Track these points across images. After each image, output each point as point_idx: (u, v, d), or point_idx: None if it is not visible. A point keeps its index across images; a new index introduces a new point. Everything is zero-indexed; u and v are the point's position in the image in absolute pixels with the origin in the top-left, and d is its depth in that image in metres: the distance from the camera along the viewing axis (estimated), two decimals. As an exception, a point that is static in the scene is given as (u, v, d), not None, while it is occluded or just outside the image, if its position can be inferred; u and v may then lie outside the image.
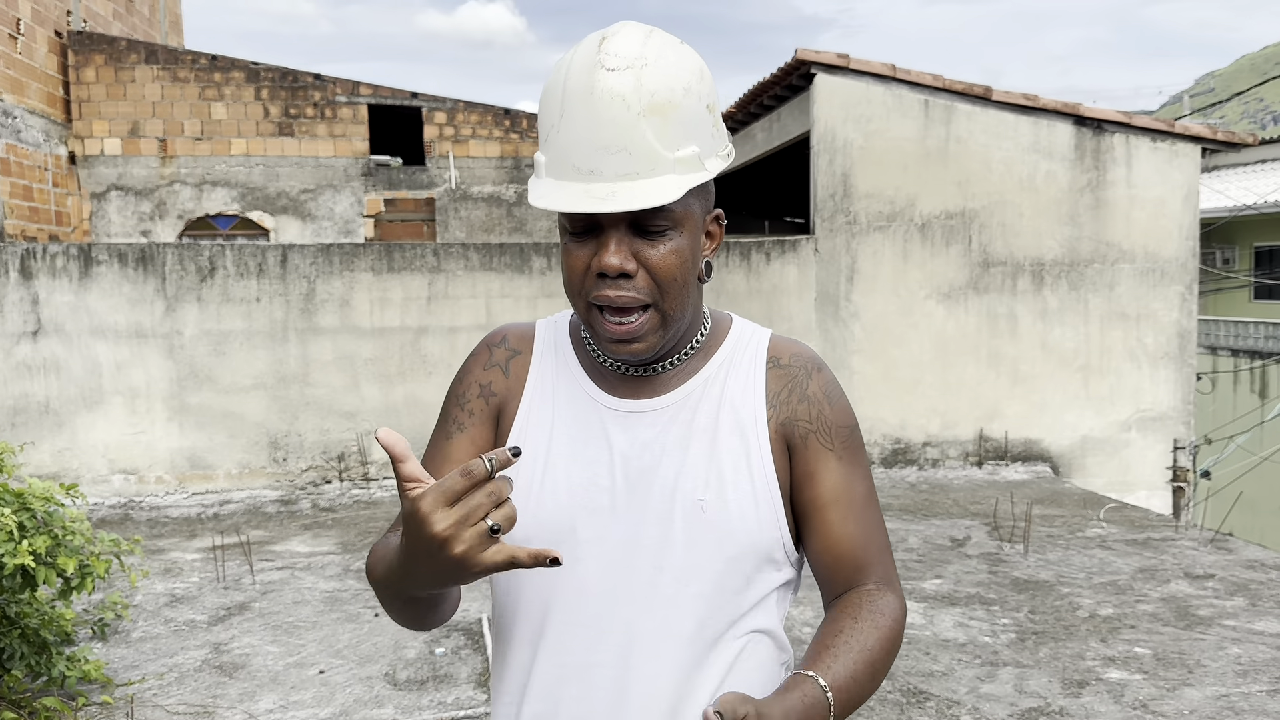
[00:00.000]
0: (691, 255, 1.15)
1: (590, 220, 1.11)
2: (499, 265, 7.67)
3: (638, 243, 1.11)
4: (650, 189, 1.07)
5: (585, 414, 1.22)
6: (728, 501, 1.16)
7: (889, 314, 8.08)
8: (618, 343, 1.14)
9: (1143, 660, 4.15)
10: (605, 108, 1.06)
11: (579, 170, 1.09)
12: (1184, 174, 8.30)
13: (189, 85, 11.61)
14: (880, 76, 7.96)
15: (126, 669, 4.14)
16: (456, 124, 12.34)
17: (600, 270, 1.11)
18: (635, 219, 1.10)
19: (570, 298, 1.17)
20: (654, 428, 1.20)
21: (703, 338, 1.25)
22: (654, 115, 1.07)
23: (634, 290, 1.12)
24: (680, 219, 1.12)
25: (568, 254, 1.15)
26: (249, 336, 7.40)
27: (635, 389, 1.22)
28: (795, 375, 1.23)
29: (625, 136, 1.06)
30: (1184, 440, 8.41)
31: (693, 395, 1.21)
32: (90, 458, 7.25)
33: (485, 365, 1.28)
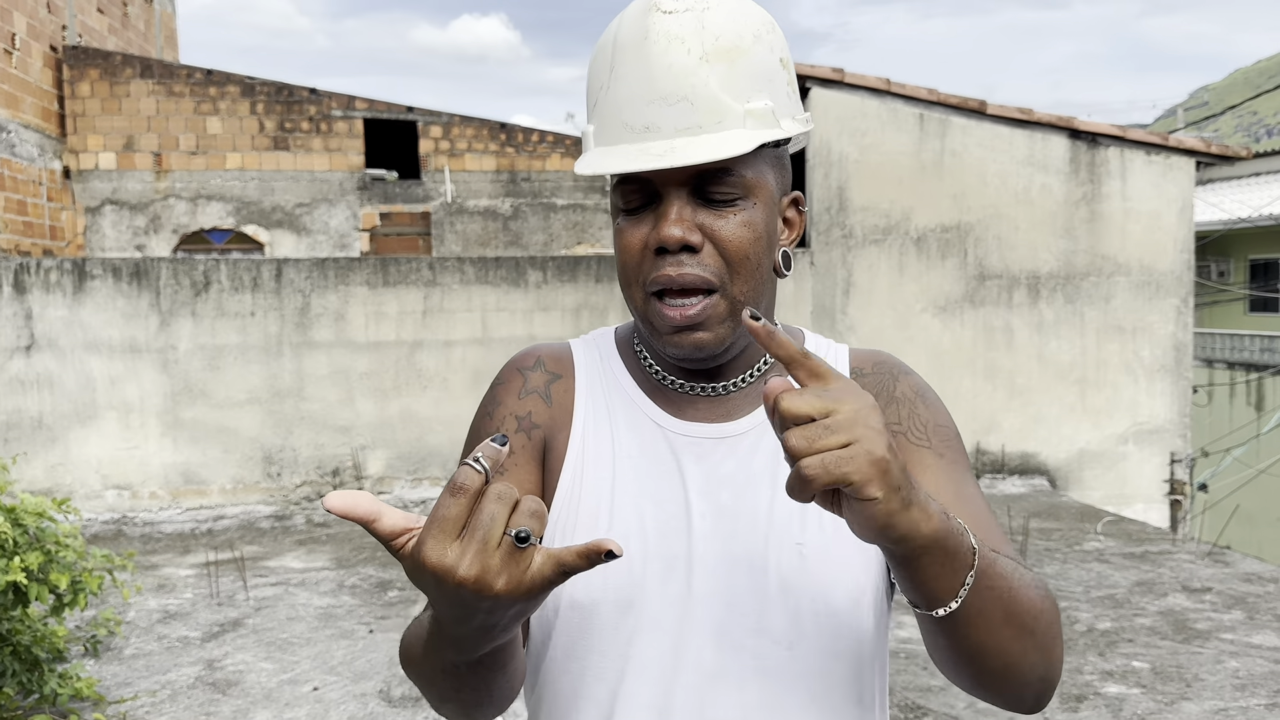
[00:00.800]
0: (766, 234, 0.97)
1: (646, 191, 0.94)
2: (495, 279, 7.66)
3: (703, 213, 0.94)
4: (716, 142, 0.90)
5: (651, 442, 1.02)
6: (829, 542, 0.97)
7: (885, 327, 8.08)
8: (679, 331, 0.95)
9: (1141, 674, 4.13)
10: (661, 53, 0.91)
11: (631, 128, 0.93)
12: (1179, 187, 8.32)
13: (184, 99, 11.62)
14: (875, 90, 7.98)
15: (119, 686, 4.11)
16: (452, 138, 12.35)
17: (659, 244, 0.93)
18: (700, 184, 0.93)
19: (626, 290, 0.99)
20: (733, 457, 1.00)
21: None
22: (719, 60, 0.91)
23: (699, 267, 0.93)
24: (753, 187, 0.95)
25: (620, 235, 0.97)
26: (243, 351, 7.38)
27: (705, 412, 1.03)
28: (881, 381, 1.06)
29: (685, 84, 0.91)
30: (1181, 453, 8.40)
31: None
32: (83, 473, 7.22)
33: (520, 393, 1.06)
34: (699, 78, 0.91)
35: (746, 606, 0.96)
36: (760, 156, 0.96)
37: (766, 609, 0.96)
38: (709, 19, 0.92)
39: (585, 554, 0.70)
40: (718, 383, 1.03)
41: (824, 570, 0.96)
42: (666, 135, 0.91)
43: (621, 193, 0.96)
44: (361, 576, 5.69)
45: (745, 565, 0.96)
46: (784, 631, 0.96)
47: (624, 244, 0.97)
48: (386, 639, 4.62)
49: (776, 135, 0.94)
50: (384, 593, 5.38)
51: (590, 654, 0.98)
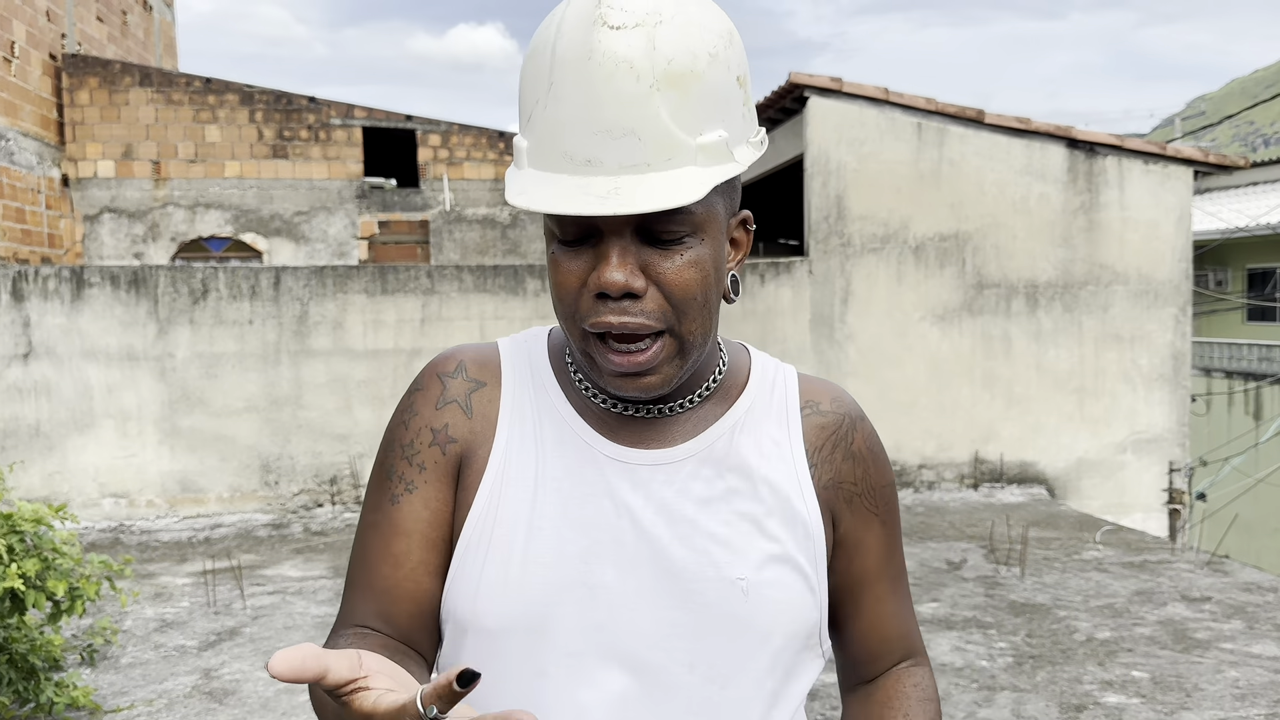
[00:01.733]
0: (714, 268, 0.90)
1: (586, 225, 0.87)
2: (493, 287, 7.66)
3: (647, 253, 0.87)
4: (665, 185, 0.83)
5: (581, 466, 0.95)
6: (772, 580, 0.94)
7: (883, 336, 8.08)
8: (625, 377, 0.89)
9: (1140, 684, 4.12)
10: (606, 79, 0.82)
11: (571, 159, 0.84)
12: (1176, 196, 8.33)
13: (183, 108, 11.63)
14: (874, 100, 8.00)
15: (115, 695, 4.09)
16: (451, 146, 12.37)
17: (600, 289, 0.86)
18: (644, 223, 0.86)
19: (562, 322, 0.92)
20: (671, 485, 0.95)
21: (720, 374, 1.00)
22: (671, 88, 0.83)
23: (643, 315, 0.87)
24: (701, 223, 0.88)
25: (556, 267, 0.89)
26: (241, 359, 7.37)
27: (641, 435, 0.97)
28: (840, 428, 1.02)
29: (632, 115, 0.82)
30: (1179, 462, 8.40)
31: (718, 445, 0.97)
32: (81, 481, 7.20)
33: (438, 402, 0.98)
34: (649, 109, 0.82)
35: (680, 641, 0.92)
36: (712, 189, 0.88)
37: (703, 645, 0.92)
38: (661, 37, 0.82)
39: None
40: (656, 405, 0.97)
41: (766, 609, 0.93)
42: (610, 171, 0.83)
43: (558, 222, 0.88)
44: (359, 585, 5.68)
45: (681, 599, 0.92)
46: (719, 669, 0.92)
47: (559, 279, 0.89)
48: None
49: (731, 172, 0.86)
50: (382, 601, 5.36)
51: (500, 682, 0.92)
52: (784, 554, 0.95)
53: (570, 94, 0.83)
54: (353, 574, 0.98)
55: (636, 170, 0.83)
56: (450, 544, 0.96)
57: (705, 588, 0.92)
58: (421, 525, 0.95)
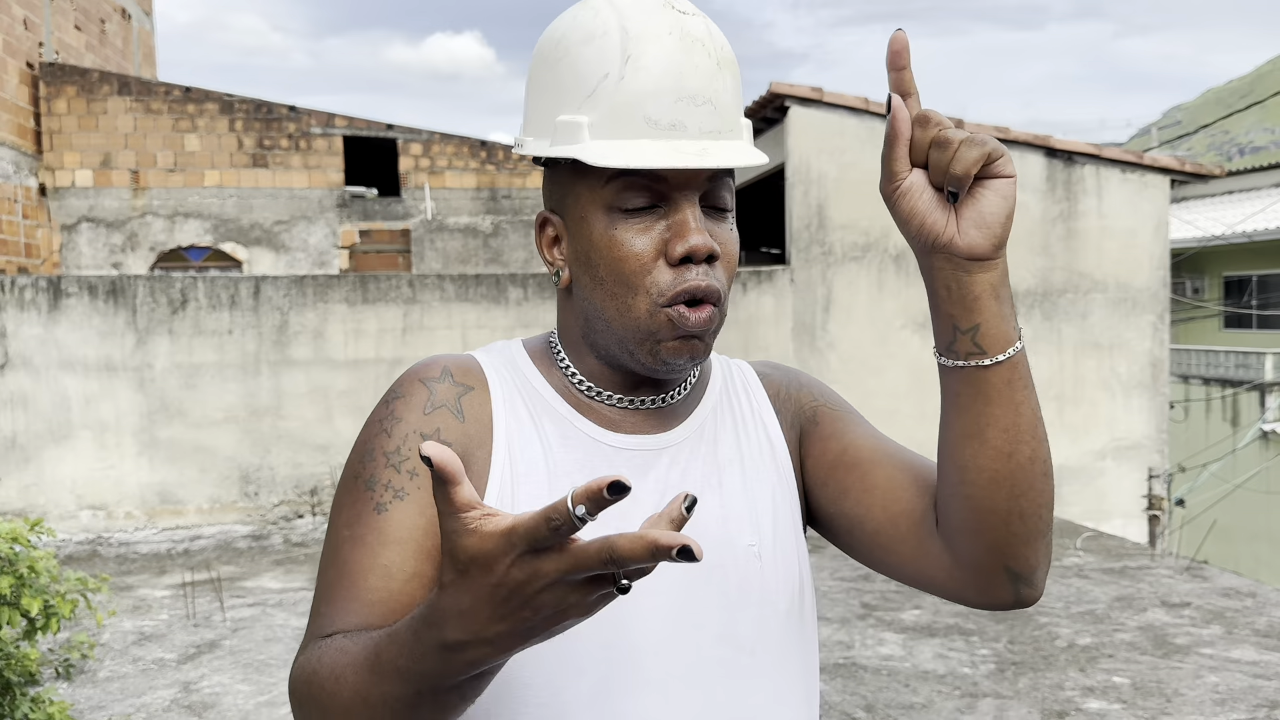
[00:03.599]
0: None
1: (654, 192, 0.90)
2: (475, 296, 7.64)
3: (709, 223, 0.92)
4: (739, 149, 0.91)
5: (590, 457, 0.96)
6: (778, 542, 0.99)
7: (865, 344, 8.11)
8: (685, 339, 0.92)
9: (1121, 690, 4.14)
10: (688, 51, 0.89)
11: (656, 125, 0.88)
12: (1154, 205, 8.40)
13: (162, 117, 11.57)
14: (854, 109, 8.04)
15: (93, 710, 4.05)
16: (432, 155, 12.35)
17: (688, 252, 0.89)
18: (707, 192, 0.92)
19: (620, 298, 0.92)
20: (676, 466, 0.98)
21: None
22: (728, 70, 0.92)
23: (716, 280, 0.92)
24: (733, 204, 0.96)
25: (622, 243, 0.91)
26: (221, 369, 7.32)
27: (638, 424, 1.00)
28: (785, 376, 1.10)
29: (711, 87, 0.90)
30: (1158, 468, 8.45)
31: (706, 426, 1.02)
32: (58, 493, 7.13)
33: (425, 407, 0.94)
34: (719, 82, 0.90)
35: (708, 614, 0.94)
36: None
37: (729, 615, 0.94)
38: (711, 27, 0.92)
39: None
40: (659, 394, 1.00)
41: (776, 571, 0.97)
42: (693, 135, 0.89)
43: (620, 188, 0.90)
44: (340, 596, 5.64)
45: (704, 573, 0.94)
46: (748, 636, 0.95)
47: (631, 251, 0.90)
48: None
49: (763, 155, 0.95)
50: (363, 613, 5.33)
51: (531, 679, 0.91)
52: (782, 517, 1.01)
53: (654, 63, 0.89)
54: (331, 589, 0.89)
55: (713, 136, 0.90)
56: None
57: (723, 558, 0.95)
58: (416, 534, 0.89)
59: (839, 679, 4.29)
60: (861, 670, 4.39)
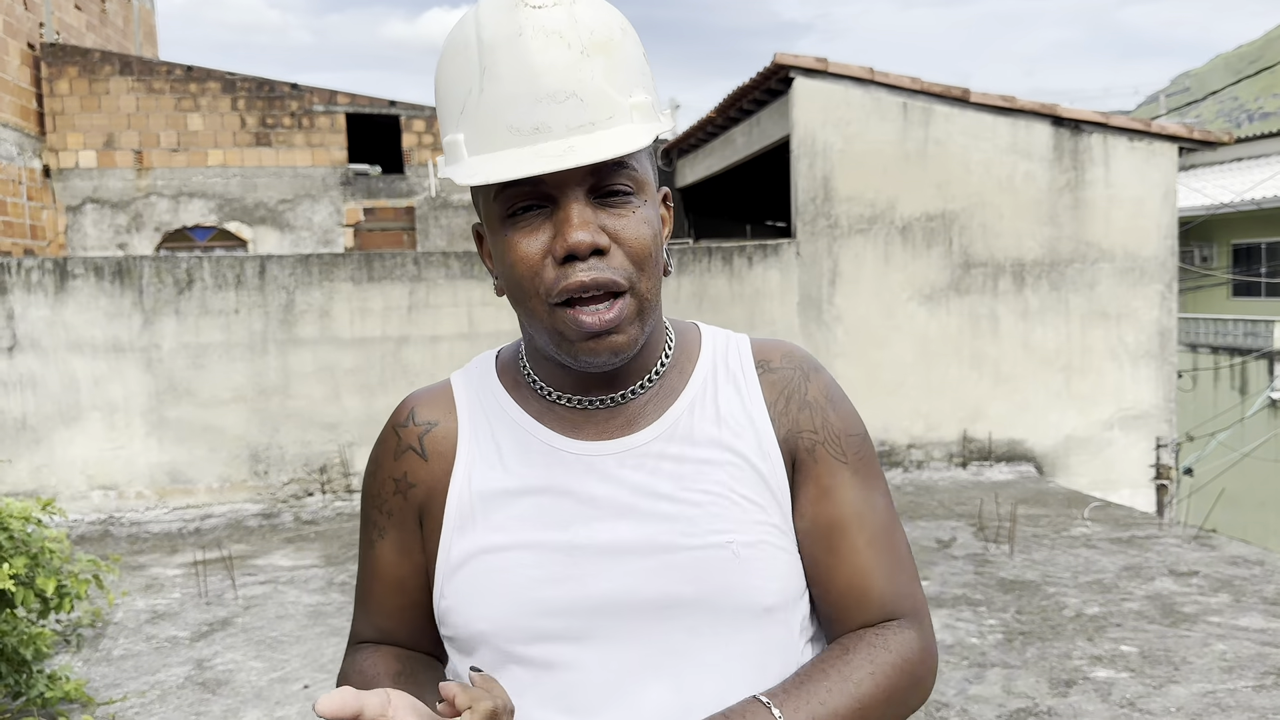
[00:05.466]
0: (659, 231, 0.95)
1: (536, 194, 0.90)
2: (480, 273, 7.64)
3: (601, 215, 0.90)
4: (613, 138, 0.88)
5: (550, 469, 0.98)
6: (757, 541, 0.96)
7: (871, 316, 8.09)
8: (596, 338, 0.91)
9: (1129, 658, 4.16)
10: (541, 49, 0.86)
11: (518, 131, 0.87)
12: (1161, 173, 8.35)
13: (164, 96, 11.54)
14: (859, 80, 7.98)
15: (108, 687, 4.09)
16: (435, 132, 12.30)
17: (568, 252, 0.88)
18: (595, 184, 0.90)
19: (524, 304, 0.93)
20: (642, 469, 0.97)
21: (670, 352, 1.03)
22: (598, 54, 0.88)
23: (611, 270, 0.90)
24: (643, 183, 0.93)
25: (512, 248, 0.91)
26: (228, 349, 7.34)
27: (603, 428, 0.99)
28: (791, 380, 1.04)
29: (572, 79, 0.87)
30: (1166, 438, 8.45)
31: (681, 422, 0.99)
32: (68, 474, 7.17)
33: (395, 453, 1.04)
34: (584, 72, 0.87)
35: (681, 611, 0.94)
36: (644, 153, 0.95)
37: (703, 612, 0.94)
38: (578, 13, 0.88)
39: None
40: (614, 392, 1.00)
41: (757, 569, 0.96)
42: (559, 135, 0.87)
43: (506, 199, 0.91)
44: (350, 574, 5.68)
45: (677, 572, 0.94)
46: (722, 633, 0.95)
47: (519, 256, 0.91)
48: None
49: (662, 129, 0.93)
50: (373, 589, 5.36)
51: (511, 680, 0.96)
52: (763, 518, 0.98)
53: (507, 71, 0.87)
54: (357, 600, 1.11)
55: (583, 130, 0.87)
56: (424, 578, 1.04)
57: (698, 556, 0.95)
58: (390, 569, 1.05)
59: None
60: (870, 641, 4.41)
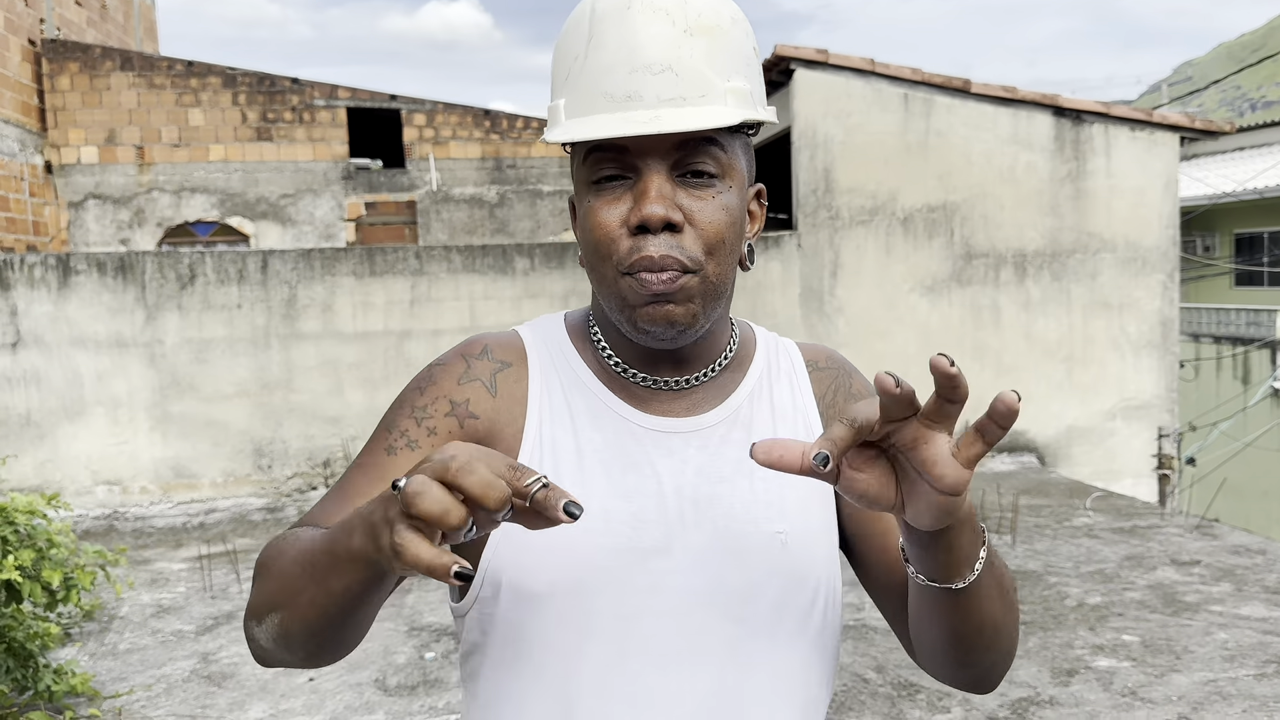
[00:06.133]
0: (740, 219, 0.95)
1: (621, 163, 0.91)
2: (482, 267, 7.64)
3: (681, 194, 0.91)
4: (700, 114, 0.89)
5: (619, 437, 0.98)
6: (807, 531, 0.99)
7: (873, 308, 8.10)
8: (652, 302, 0.91)
9: (1131, 648, 4.17)
10: (645, 23, 0.89)
11: (611, 98, 0.90)
12: (1163, 163, 8.34)
13: (165, 92, 11.53)
14: (860, 71, 7.97)
15: (114, 681, 4.11)
16: (436, 125, 12.30)
17: (640, 222, 0.89)
18: (679, 160, 0.91)
19: (595, 269, 0.95)
20: (705, 451, 0.99)
21: (734, 345, 1.05)
22: (702, 35, 0.90)
23: (679, 251, 0.90)
24: (729, 168, 0.93)
25: (592, 213, 0.93)
26: (231, 344, 7.35)
27: (669, 405, 1.00)
28: (838, 377, 1.08)
29: (670, 54, 0.89)
30: (1168, 428, 8.45)
31: (742, 411, 1.02)
32: (73, 469, 7.19)
33: (461, 379, 1.00)
34: (684, 49, 0.89)
35: (728, 597, 0.95)
36: (736, 139, 0.95)
37: (749, 599, 0.95)
38: None
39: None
40: (681, 375, 1.01)
41: (803, 559, 0.97)
42: (649, 104, 0.89)
43: (592, 164, 0.93)
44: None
45: (728, 557, 0.95)
46: (766, 621, 0.96)
47: (596, 221, 0.92)
48: (380, 628, 4.63)
49: (757, 115, 0.93)
50: (378, 582, 5.38)
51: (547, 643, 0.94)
52: (810, 505, 1.00)
53: (611, 39, 0.90)
54: (325, 498, 0.99)
55: (674, 103, 0.89)
56: None
57: (748, 544, 0.96)
58: None
59: (850, 640, 4.33)
60: (872, 632, 4.43)
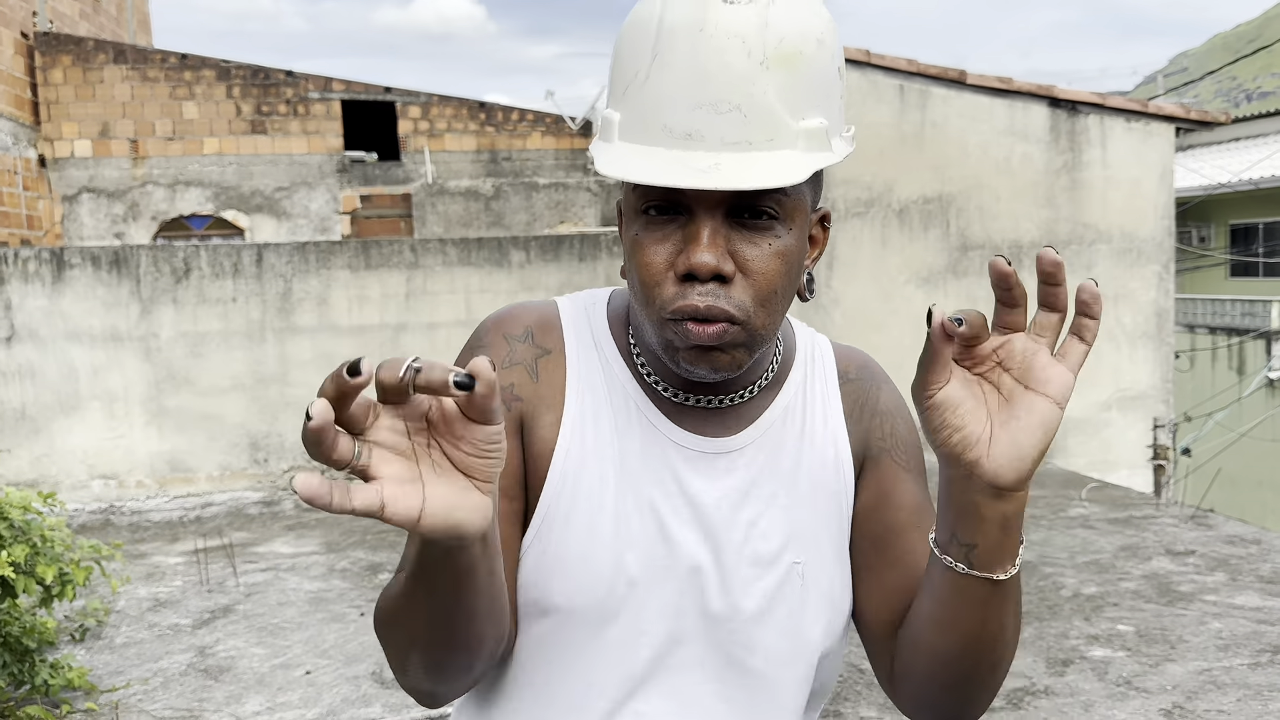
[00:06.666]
0: (797, 262, 0.88)
1: (675, 199, 0.84)
2: (478, 260, 7.64)
3: (735, 238, 0.84)
4: (767, 164, 0.81)
5: (648, 448, 0.94)
6: (825, 562, 0.96)
7: (869, 300, 8.10)
8: (699, 350, 0.86)
9: (1126, 637, 4.18)
10: (718, 51, 0.80)
11: (671, 133, 0.82)
12: (1159, 153, 8.34)
13: (159, 85, 11.50)
14: (856, 62, 7.96)
15: (111, 675, 4.11)
16: (431, 118, 12.28)
17: (689, 269, 0.83)
18: (737, 204, 0.84)
19: (641, 307, 0.88)
20: (733, 473, 0.95)
21: (776, 366, 1.00)
22: (780, 68, 0.81)
23: (727, 302, 0.84)
24: (791, 212, 0.86)
25: (639, 248, 0.86)
26: (226, 337, 7.34)
27: (701, 423, 0.96)
28: (865, 389, 1.04)
29: (741, 92, 0.80)
30: (1164, 418, 8.47)
31: (772, 431, 0.98)
32: (69, 463, 7.19)
33: (505, 361, 0.96)
34: (757, 86, 0.81)
35: (744, 625, 0.93)
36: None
37: (765, 628, 0.94)
38: (774, 15, 0.81)
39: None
40: (719, 395, 0.96)
41: (818, 591, 0.95)
42: (711, 147, 0.81)
43: (642, 193, 0.86)
44: (351, 560, 5.70)
45: (746, 583, 0.93)
46: (780, 650, 0.94)
47: (644, 260, 0.86)
48: (378, 622, 4.63)
49: (828, 161, 0.85)
50: (374, 576, 5.38)
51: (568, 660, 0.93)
52: (833, 536, 0.97)
53: (678, 65, 0.81)
54: None
55: (738, 148, 0.81)
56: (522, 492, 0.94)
57: (766, 574, 0.94)
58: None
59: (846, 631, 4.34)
60: (868, 623, 4.44)
